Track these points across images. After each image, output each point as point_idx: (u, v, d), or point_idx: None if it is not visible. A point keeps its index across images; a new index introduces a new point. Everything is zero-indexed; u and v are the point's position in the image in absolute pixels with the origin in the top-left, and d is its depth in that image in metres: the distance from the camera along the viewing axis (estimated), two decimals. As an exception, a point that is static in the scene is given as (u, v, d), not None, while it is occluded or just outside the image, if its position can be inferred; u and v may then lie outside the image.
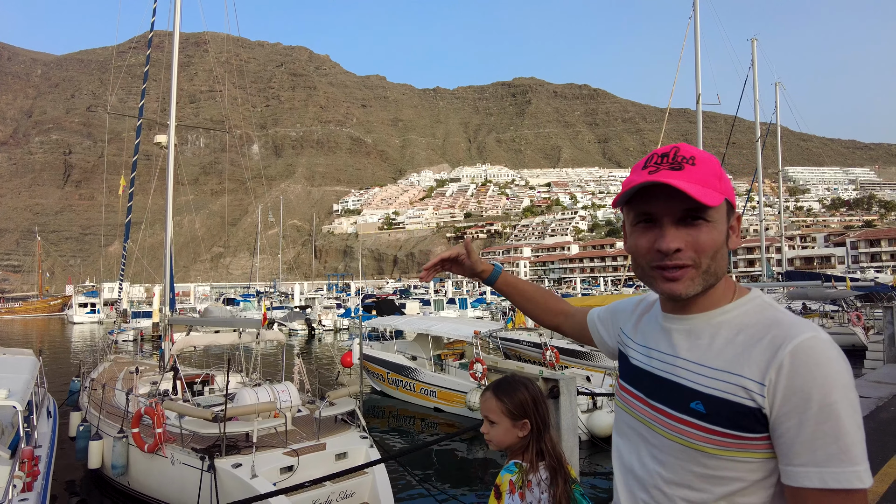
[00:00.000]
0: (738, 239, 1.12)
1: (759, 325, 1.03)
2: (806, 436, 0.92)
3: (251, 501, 3.40)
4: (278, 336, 10.89)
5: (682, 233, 1.07)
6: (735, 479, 1.00)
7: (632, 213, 1.13)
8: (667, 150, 1.09)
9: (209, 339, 10.91)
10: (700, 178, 1.06)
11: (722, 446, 1.00)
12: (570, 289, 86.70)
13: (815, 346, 0.95)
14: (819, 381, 0.92)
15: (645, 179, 1.06)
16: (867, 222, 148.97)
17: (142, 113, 15.96)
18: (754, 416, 0.98)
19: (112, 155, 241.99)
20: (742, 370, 1.00)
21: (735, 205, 1.12)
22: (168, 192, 13.60)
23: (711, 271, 1.08)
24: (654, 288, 1.12)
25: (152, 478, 8.06)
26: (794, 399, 0.93)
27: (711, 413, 1.01)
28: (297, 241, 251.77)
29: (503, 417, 1.88)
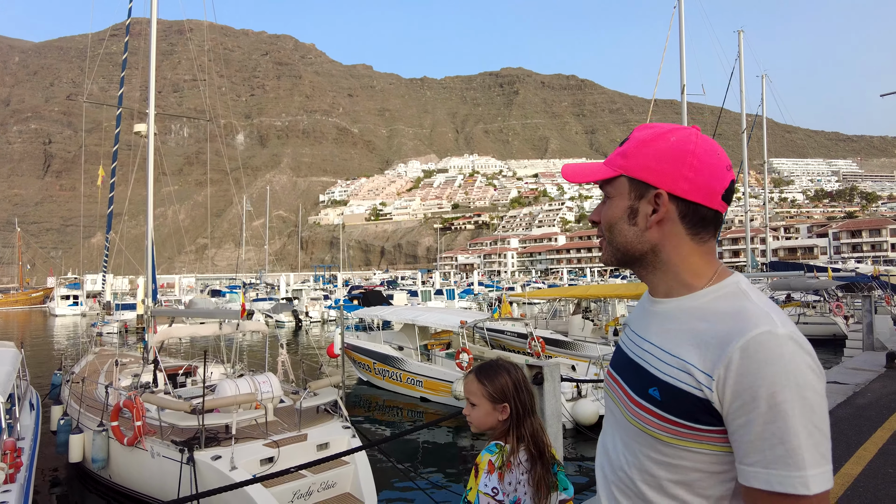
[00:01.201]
0: (658, 218, 1.10)
1: (722, 315, 1.01)
2: (754, 435, 0.90)
3: (228, 489, 3.37)
4: (260, 327, 10.82)
5: (601, 207, 1.17)
6: (691, 468, 1.00)
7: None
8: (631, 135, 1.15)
9: (190, 330, 10.83)
10: (610, 157, 1.14)
11: (676, 435, 0.99)
12: (557, 279, 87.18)
13: (766, 342, 0.92)
14: (768, 380, 0.89)
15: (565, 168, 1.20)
16: (849, 213, 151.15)
17: (121, 101, 15.70)
18: (705, 407, 0.96)
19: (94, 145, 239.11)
20: (692, 358, 0.99)
21: (653, 181, 1.09)
22: (148, 182, 13.42)
23: (614, 245, 1.14)
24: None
25: (133, 471, 8.01)
26: (743, 397, 0.91)
27: (665, 401, 1.01)
28: (283, 233, 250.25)
29: (483, 400, 1.91)
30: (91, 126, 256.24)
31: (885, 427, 6.41)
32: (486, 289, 60.90)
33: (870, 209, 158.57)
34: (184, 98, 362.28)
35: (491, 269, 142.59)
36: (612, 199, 1.14)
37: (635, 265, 1.15)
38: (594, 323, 21.31)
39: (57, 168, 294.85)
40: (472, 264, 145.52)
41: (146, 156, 13.70)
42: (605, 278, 59.43)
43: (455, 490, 9.19)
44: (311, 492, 7.11)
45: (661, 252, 1.11)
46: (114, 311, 36.86)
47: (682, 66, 24.04)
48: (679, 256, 1.10)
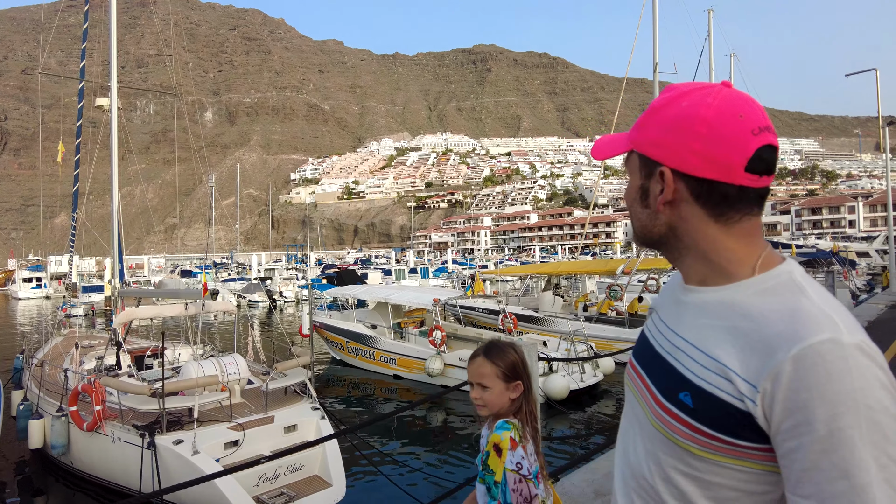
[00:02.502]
0: (664, 198, 0.95)
1: (771, 313, 0.84)
2: (809, 464, 0.74)
3: (191, 484, 3.31)
4: (227, 307, 10.64)
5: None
6: (727, 486, 0.85)
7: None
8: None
9: (154, 310, 10.59)
10: (632, 129, 1.01)
11: (710, 449, 0.85)
12: (529, 257, 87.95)
13: (828, 353, 0.75)
14: (829, 400, 0.73)
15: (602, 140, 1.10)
16: (810, 191, 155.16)
17: (83, 74, 15.14)
18: (745, 421, 0.81)
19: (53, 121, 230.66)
20: (733, 363, 0.83)
21: (658, 157, 0.95)
22: (112, 155, 13.00)
23: (633, 227, 1.04)
24: None
25: (94, 457, 7.81)
26: (795, 417, 0.75)
27: (699, 409, 0.86)
28: (254, 212, 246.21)
29: (497, 381, 1.90)
30: (49, 102, 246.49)
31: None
32: (460, 267, 61.06)
33: (830, 187, 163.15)
34: (149, 74, 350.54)
35: (465, 248, 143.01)
36: (630, 176, 1.03)
37: (659, 248, 1.02)
38: (564, 299, 21.60)
39: (14, 146, 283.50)
40: (446, 243, 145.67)
41: (110, 132, 13.26)
42: (575, 256, 60.12)
43: (428, 469, 9.23)
44: (277, 475, 6.99)
45: (682, 235, 0.96)
46: (80, 293, 35.90)
47: (655, 44, 24.13)
48: (706, 240, 0.94)
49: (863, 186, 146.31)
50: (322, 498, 6.88)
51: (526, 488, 1.81)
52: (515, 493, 1.79)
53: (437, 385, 13.81)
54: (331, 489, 7.03)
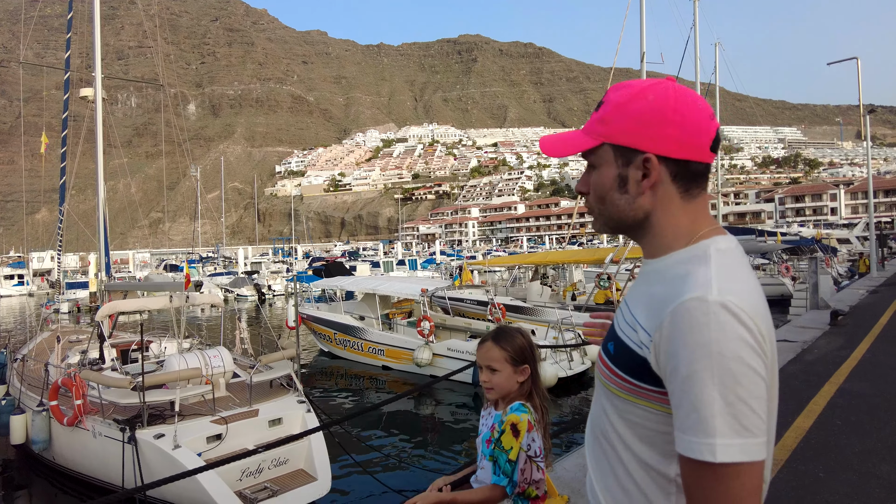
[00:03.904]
0: (649, 184, 1.05)
1: (673, 278, 0.99)
2: (675, 401, 0.91)
3: (173, 479, 3.26)
4: (213, 299, 10.49)
5: (588, 177, 1.12)
6: (642, 425, 1.00)
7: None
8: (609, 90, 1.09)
9: (138, 303, 10.42)
10: (587, 125, 1.09)
11: (623, 390, 1.01)
12: (517, 247, 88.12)
13: (692, 309, 0.90)
14: (689, 348, 0.89)
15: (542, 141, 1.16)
16: (794, 179, 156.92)
17: (68, 65, 14.84)
18: (644, 366, 0.97)
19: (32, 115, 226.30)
20: (641, 318, 1.00)
21: (640, 146, 1.04)
22: (97, 146, 12.73)
23: (606, 215, 1.10)
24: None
25: (76, 452, 7.68)
26: (670, 363, 0.92)
27: (616, 355, 1.03)
28: (239, 205, 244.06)
29: (505, 364, 1.99)
30: (28, 95, 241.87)
31: (832, 381, 6.72)
32: (448, 258, 61.05)
33: (812, 175, 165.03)
34: (130, 66, 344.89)
35: (452, 239, 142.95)
36: (598, 169, 1.09)
37: (628, 231, 1.12)
38: (552, 289, 21.70)
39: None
40: (434, 234, 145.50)
41: (94, 124, 12.99)
42: (563, 246, 60.36)
43: (416, 460, 9.23)
44: (261, 469, 6.87)
45: (652, 215, 1.08)
46: (64, 289, 35.37)
47: (643, 33, 24.11)
48: (667, 218, 1.07)
49: (844, 174, 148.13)
50: (307, 492, 6.78)
51: (530, 470, 1.88)
52: (521, 474, 1.87)
53: (426, 375, 13.81)
54: (316, 483, 6.93)
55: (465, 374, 11.43)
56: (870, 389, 6.44)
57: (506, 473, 1.87)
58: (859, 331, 10.18)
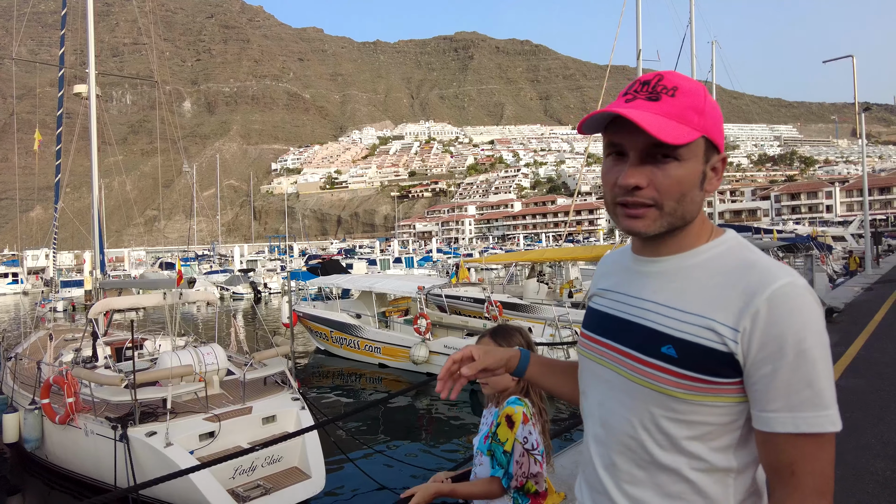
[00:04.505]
0: (718, 182, 1.07)
1: (734, 269, 1.00)
2: (780, 382, 0.92)
3: (164, 479, 3.23)
4: (207, 296, 10.43)
5: (647, 169, 1.01)
6: (702, 423, 1.00)
7: (605, 141, 1.07)
8: (649, 77, 1.03)
9: (131, 300, 10.35)
10: (676, 111, 1.00)
11: (692, 391, 0.99)
12: (513, 245, 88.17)
13: (790, 293, 0.94)
14: (795, 328, 0.92)
15: (610, 109, 1.01)
16: (789, 177, 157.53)
17: (63, 61, 14.75)
18: (726, 361, 0.97)
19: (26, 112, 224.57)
20: (715, 314, 0.98)
21: (720, 144, 1.05)
22: (92, 142, 12.64)
23: (678, 214, 1.04)
24: (617, 224, 1.08)
25: (68, 450, 7.62)
26: (770, 347, 0.93)
27: (683, 357, 1.00)
28: (235, 203, 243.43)
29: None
30: (22, 92, 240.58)
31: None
32: (445, 256, 61.04)
33: (808, 172, 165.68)
34: (124, 63, 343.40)
35: (449, 237, 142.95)
36: (679, 163, 1.01)
37: (677, 230, 1.07)
38: (548, 286, 21.71)
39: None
40: (431, 232, 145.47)
41: (88, 121, 12.91)
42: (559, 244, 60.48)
43: (412, 458, 9.20)
44: (254, 467, 6.82)
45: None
46: (59, 287, 35.22)
47: (639, 31, 24.08)
48: (700, 215, 1.08)
49: (839, 172, 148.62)
50: (300, 490, 6.73)
51: (527, 463, 1.87)
52: (517, 466, 1.86)
53: (423, 373, 13.80)
54: (309, 481, 6.89)
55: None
56: (864, 386, 6.46)
57: (501, 465, 1.87)
58: (854, 328, 10.23)
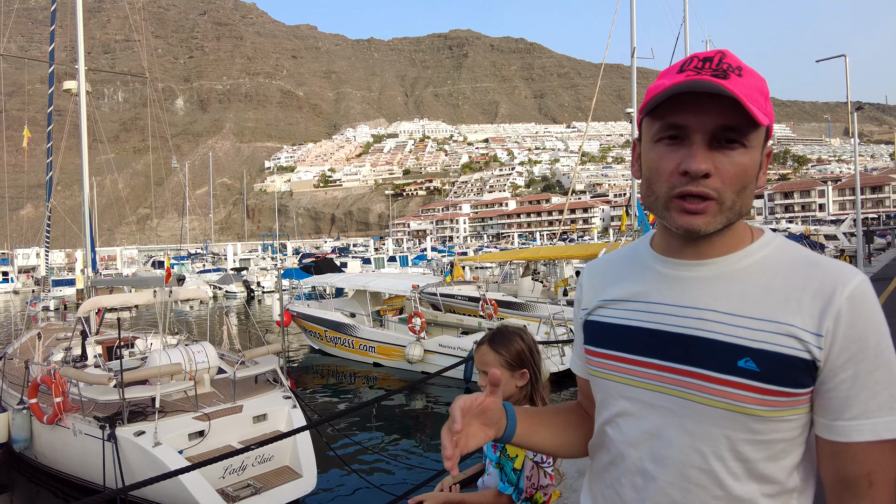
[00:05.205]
0: (765, 176, 0.96)
1: (797, 268, 0.92)
2: (859, 386, 0.85)
3: (153, 481, 3.16)
4: (198, 294, 10.35)
5: (713, 155, 0.90)
6: (778, 440, 0.91)
7: (655, 124, 0.94)
8: (710, 53, 0.92)
9: (120, 298, 10.26)
10: (747, 91, 0.87)
11: (775, 406, 0.89)
12: (508, 244, 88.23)
13: (867, 291, 0.87)
14: (875, 327, 0.86)
15: (687, 79, 0.87)
16: (783, 176, 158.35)
17: (52, 57, 14.61)
18: (808, 369, 0.87)
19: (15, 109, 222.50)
20: (793, 319, 0.88)
21: (772, 135, 0.96)
22: (82, 139, 12.50)
23: (736, 208, 0.92)
24: (668, 221, 0.94)
25: (56, 450, 7.55)
26: (852, 349, 0.85)
27: (765, 370, 0.88)
28: (228, 201, 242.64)
29: (501, 369, 1.85)
30: (11, 89, 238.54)
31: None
32: (440, 254, 61.00)
33: (801, 171, 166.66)
34: (116, 59, 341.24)
35: (443, 235, 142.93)
36: (747, 150, 0.90)
37: (726, 229, 0.96)
38: (543, 284, 21.72)
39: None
40: (425, 230, 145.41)
41: (78, 118, 12.78)
42: (553, 242, 60.54)
43: (407, 457, 9.16)
44: (244, 466, 6.76)
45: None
46: (50, 286, 34.94)
47: (633, 29, 24.10)
48: (748, 212, 1.00)
49: (832, 171, 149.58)
50: (291, 489, 6.69)
51: (537, 475, 1.82)
52: (528, 481, 1.81)
53: (417, 372, 13.78)
54: (300, 480, 6.85)
55: (456, 371, 11.39)
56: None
57: (511, 482, 1.81)
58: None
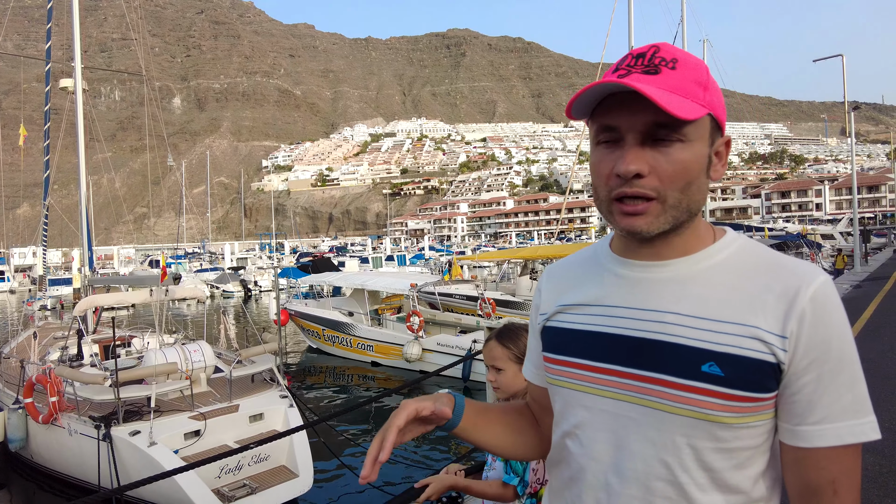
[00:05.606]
0: (723, 168, 0.93)
1: (760, 268, 0.88)
2: (822, 390, 0.82)
3: (148, 481, 3.14)
4: (195, 293, 10.30)
5: (647, 154, 0.85)
6: (744, 448, 0.87)
7: (594, 127, 0.91)
8: (644, 49, 0.89)
9: (116, 297, 10.25)
10: (679, 84, 0.85)
11: (740, 412, 0.84)
12: (506, 243, 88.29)
13: (830, 291, 0.84)
14: (838, 329, 0.83)
15: (607, 80, 0.85)
16: (779, 175, 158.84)
17: (49, 55, 14.55)
18: (773, 372, 0.84)
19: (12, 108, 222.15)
20: (757, 321, 0.84)
21: (724, 124, 0.91)
22: (79, 138, 12.45)
23: (683, 206, 0.88)
24: (613, 224, 0.91)
25: (52, 450, 7.52)
26: (816, 350, 0.82)
27: (730, 375, 0.84)
28: (226, 200, 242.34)
29: (510, 363, 1.92)
30: (8, 87, 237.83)
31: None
32: (437, 253, 60.99)
33: (798, 171, 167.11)
34: (113, 58, 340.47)
35: (441, 234, 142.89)
36: (685, 144, 0.85)
37: (684, 225, 0.91)
38: (542, 284, 21.72)
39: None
40: (423, 229, 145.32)
41: (75, 116, 12.73)
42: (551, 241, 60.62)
43: (405, 457, 9.14)
44: (240, 466, 6.72)
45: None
46: (47, 285, 34.84)
47: (630, 28, 24.10)
48: (700, 208, 0.95)
49: (829, 170, 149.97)
50: (287, 489, 6.66)
51: (542, 469, 1.83)
52: (533, 473, 1.84)
53: (416, 371, 13.77)
54: (297, 480, 6.81)
55: (455, 370, 11.39)
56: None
57: (517, 473, 1.85)
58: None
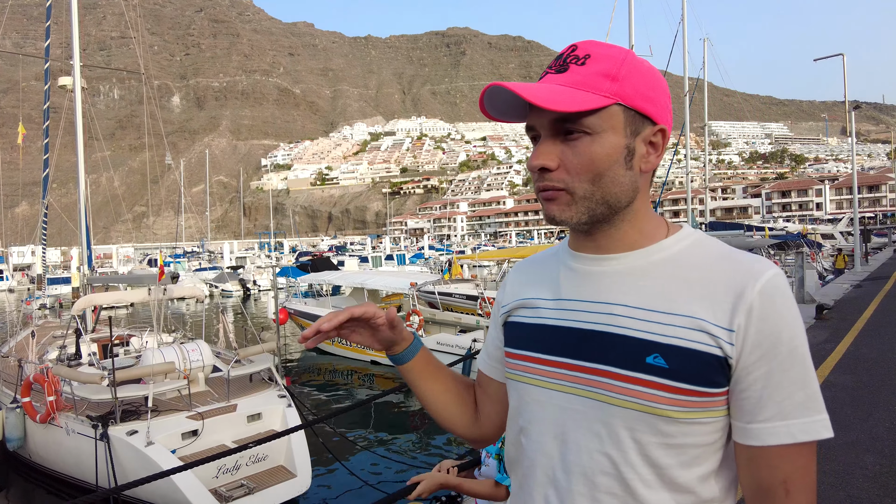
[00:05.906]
0: (658, 158, 0.90)
1: (711, 261, 0.87)
2: (773, 386, 0.80)
3: (146, 481, 3.13)
4: (193, 292, 10.29)
5: (557, 149, 0.86)
6: (692, 445, 0.84)
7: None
8: (564, 49, 0.89)
9: (114, 296, 10.25)
10: (580, 79, 0.84)
11: (687, 406, 0.82)
12: (505, 242, 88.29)
13: (780, 284, 0.82)
14: (788, 323, 0.80)
15: (489, 85, 0.87)
16: (780, 174, 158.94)
17: (48, 54, 14.54)
18: (720, 367, 0.82)
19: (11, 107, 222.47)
20: (703, 313, 0.83)
21: (653, 114, 0.87)
22: (77, 136, 12.47)
23: (596, 198, 0.87)
24: (543, 213, 0.93)
25: (50, 449, 7.53)
26: (765, 345, 0.80)
27: (675, 367, 0.83)
28: (225, 199, 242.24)
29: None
30: (6, 86, 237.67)
31: (817, 374, 6.78)
32: (437, 253, 60.96)
33: (798, 170, 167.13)
34: (112, 57, 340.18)
35: (441, 234, 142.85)
36: (597, 136, 0.85)
37: (608, 220, 0.90)
38: (542, 283, 21.72)
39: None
40: (422, 229, 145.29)
41: (74, 114, 12.72)
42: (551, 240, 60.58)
43: (403, 456, 9.15)
44: (238, 465, 6.72)
45: (637, 199, 0.91)
46: (45, 284, 34.77)
47: (631, 27, 24.06)
48: (646, 201, 0.93)
49: (829, 170, 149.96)
50: (285, 489, 6.65)
51: None
52: None
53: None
54: (295, 480, 6.80)
55: (455, 369, 11.36)
56: (853, 382, 6.50)
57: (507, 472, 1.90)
58: (843, 325, 10.30)
